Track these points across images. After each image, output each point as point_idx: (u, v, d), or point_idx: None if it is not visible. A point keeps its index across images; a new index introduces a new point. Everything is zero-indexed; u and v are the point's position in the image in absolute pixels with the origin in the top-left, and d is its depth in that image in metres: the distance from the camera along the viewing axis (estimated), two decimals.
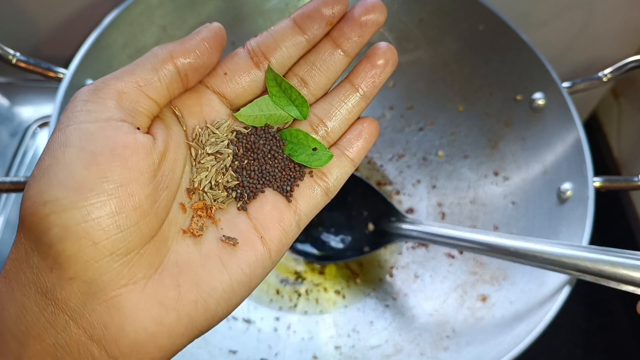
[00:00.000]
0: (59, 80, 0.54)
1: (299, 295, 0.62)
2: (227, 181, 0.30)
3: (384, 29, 0.71)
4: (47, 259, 0.22)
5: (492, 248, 0.48)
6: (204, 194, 0.29)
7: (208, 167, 0.29)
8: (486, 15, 0.64)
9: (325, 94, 0.33)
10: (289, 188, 0.30)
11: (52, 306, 0.22)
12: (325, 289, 0.63)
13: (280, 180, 0.31)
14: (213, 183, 0.29)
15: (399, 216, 0.59)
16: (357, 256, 0.62)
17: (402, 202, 0.69)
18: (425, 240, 0.56)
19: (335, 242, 0.63)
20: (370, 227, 0.60)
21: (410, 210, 0.68)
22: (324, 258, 0.63)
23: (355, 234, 0.62)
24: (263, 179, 0.31)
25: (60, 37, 0.76)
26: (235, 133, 0.31)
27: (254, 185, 0.30)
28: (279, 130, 0.33)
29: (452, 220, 0.67)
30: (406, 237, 0.57)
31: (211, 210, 0.28)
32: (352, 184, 0.59)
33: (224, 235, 0.28)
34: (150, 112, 0.28)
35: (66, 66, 0.54)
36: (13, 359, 0.22)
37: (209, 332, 0.56)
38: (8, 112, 0.77)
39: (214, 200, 0.29)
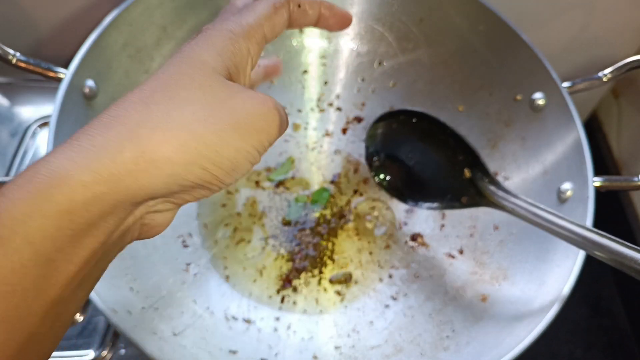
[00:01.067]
0: (59, 80, 0.54)
1: (299, 295, 0.62)
2: None
3: (384, 29, 0.72)
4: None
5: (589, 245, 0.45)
6: None
7: None
8: (486, 15, 0.64)
9: None
10: None
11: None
12: (325, 289, 0.63)
13: None
14: None
15: (491, 178, 0.56)
16: (457, 207, 0.59)
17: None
18: (515, 215, 0.52)
19: (435, 185, 0.61)
20: (467, 173, 0.58)
21: (411, 210, 0.68)
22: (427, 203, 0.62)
23: (452, 179, 0.60)
24: None
25: (61, 37, 0.76)
26: None
27: None
28: None
29: (452, 220, 0.67)
30: (496, 205, 0.54)
31: None
32: (446, 133, 0.60)
33: None
34: None
35: (66, 66, 0.54)
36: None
37: (209, 332, 0.56)
38: (8, 112, 0.77)
39: None
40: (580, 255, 0.51)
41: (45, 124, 0.76)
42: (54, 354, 0.62)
